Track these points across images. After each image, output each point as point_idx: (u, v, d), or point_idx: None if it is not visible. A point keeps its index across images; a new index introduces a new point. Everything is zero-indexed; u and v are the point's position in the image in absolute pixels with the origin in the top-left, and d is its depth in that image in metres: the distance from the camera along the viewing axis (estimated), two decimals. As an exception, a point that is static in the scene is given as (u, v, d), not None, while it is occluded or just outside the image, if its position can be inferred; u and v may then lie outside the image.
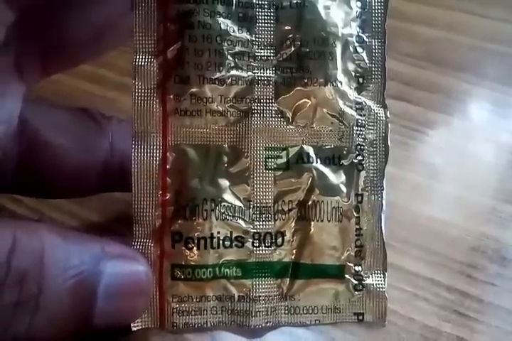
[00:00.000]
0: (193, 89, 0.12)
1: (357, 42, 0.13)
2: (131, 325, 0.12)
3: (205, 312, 0.12)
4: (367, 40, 0.13)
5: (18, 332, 0.10)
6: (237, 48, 0.12)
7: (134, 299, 0.11)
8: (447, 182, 0.16)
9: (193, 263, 0.12)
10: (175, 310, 0.12)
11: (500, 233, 0.15)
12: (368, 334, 0.13)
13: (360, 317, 0.13)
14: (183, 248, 0.12)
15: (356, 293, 0.13)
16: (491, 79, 0.20)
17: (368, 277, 0.13)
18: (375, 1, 0.13)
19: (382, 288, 0.13)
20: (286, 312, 0.12)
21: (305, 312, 0.13)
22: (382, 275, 0.13)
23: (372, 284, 0.13)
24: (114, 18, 0.12)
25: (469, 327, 0.13)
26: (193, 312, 0.12)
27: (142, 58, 0.12)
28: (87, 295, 0.10)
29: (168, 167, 0.12)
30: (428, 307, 0.13)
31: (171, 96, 0.12)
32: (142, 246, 0.12)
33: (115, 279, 0.10)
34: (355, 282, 0.13)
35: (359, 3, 0.13)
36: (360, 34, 0.13)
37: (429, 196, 0.16)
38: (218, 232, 0.12)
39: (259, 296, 0.12)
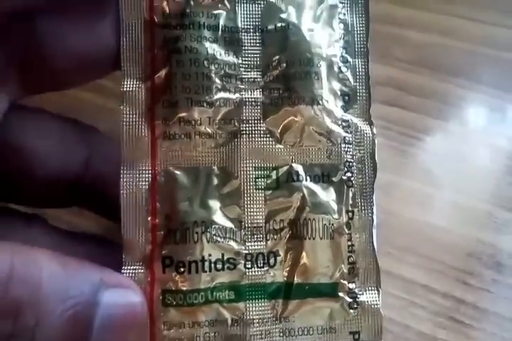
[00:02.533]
0: (182, 113, 0.12)
1: (341, 62, 0.13)
2: None
3: (198, 338, 0.12)
4: (351, 60, 0.13)
5: None
6: (225, 71, 0.12)
7: (129, 331, 0.11)
8: (443, 188, 0.17)
9: (184, 288, 0.12)
10: (166, 337, 0.12)
11: (496, 239, 0.15)
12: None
13: (356, 337, 0.12)
14: (174, 273, 0.12)
15: (351, 311, 0.12)
16: (486, 84, 0.20)
17: (362, 294, 0.13)
18: (356, 23, 0.13)
19: (376, 305, 0.13)
20: (281, 334, 0.12)
21: (300, 333, 0.12)
22: (376, 292, 0.13)
23: (367, 301, 0.13)
24: (97, 49, 0.12)
25: (465, 334, 0.13)
26: (185, 340, 0.12)
27: (130, 84, 0.12)
28: (83, 327, 0.10)
29: (157, 191, 0.12)
30: (424, 314, 0.13)
31: (160, 121, 0.12)
32: (132, 272, 0.12)
33: (111, 311, 0.10)
34: (350, 300, 0.13)
35: (341, 25, 0.13)
36: (343, 54, 0.13)
37: (425, 202, 0.16)
38: (210, 255, 0.12)
39: (253, 319, 0.12)
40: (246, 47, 0.13)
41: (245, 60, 0.13)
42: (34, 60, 0.12)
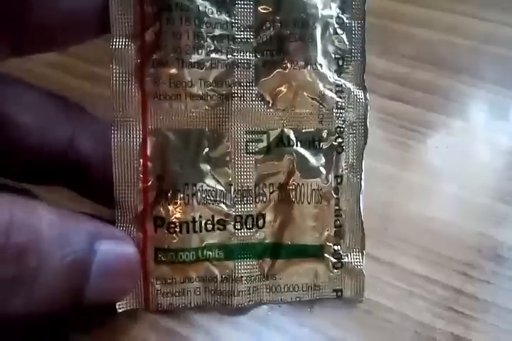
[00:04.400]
0: (172, 73, 0.12)
1: (337, 23, 0.13)
2: (117, 306, 0.12)
3: (189, 293, 0.12)
4: (347, 21, 0.13)
5: (16, 305, 0.10)
6: (216, 31, 0.12)
7: (124, 278, 0.11)
8: (445, 182, 0.17)
9: (175, 247, 0.12)
10: (159, 291, 0.12)
11: (497, 231, 0.15)
12: (363, 331, 0.13)
13: (339, 294, 0.13)
14: (166, 232, 0.12)
15: (335, 270, 0.13)
16: (488, 81, 0.20)
17: (347, 256, 0.13)
18: None
19: (360, 265, 0.13)
20: (268, 290, 0.13)
21: (286, 290, 0.13)
22: (360, 254, 0.13)
23: (351, 262, 0.13)
24: (85, 5, 0.12)
25: (464, 324, 0.13)
26: (176, 294, 0.12)
27: (119, 42, 0.12)
28: (81, 272, 0.10)
29: (148, 152, 0.12)
30: (423, 305, 0.14)
31: (150, 80, 0.12)
32: (125, 231, 0.12)
33: (108, 259, 0.11)
34: (334, 260, 0.13)
35: None
36: (339, 15, 0.13)
37: (427, 196, 0.16)
38: (200, 216, 0.12)
39: (242, 277, 0.13)
40: (239, 6, 0.12)
41: (238, 19, 0.12)
42: (20, 17, 0.11)
